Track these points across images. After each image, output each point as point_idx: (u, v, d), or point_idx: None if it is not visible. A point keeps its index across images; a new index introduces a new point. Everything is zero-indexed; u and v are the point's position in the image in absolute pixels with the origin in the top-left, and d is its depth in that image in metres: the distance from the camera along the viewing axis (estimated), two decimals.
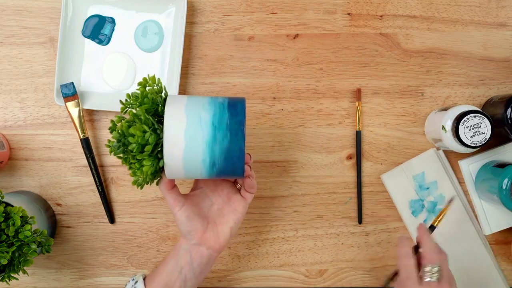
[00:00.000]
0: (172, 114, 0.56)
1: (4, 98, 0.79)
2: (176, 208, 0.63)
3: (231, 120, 0.57)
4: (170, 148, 0.56)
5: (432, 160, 0.78)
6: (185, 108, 0.57)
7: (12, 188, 0.79)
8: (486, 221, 0.77)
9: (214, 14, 0.79)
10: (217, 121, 0.57)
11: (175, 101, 0.58)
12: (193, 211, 0.64)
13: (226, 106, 0.58)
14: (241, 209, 0.66)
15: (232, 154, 0.57)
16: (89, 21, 0.78)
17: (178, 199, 0.63)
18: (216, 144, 0.56)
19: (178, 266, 0.65)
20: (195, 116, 0.57)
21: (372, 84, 0.79)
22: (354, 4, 0.79)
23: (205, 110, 0.57)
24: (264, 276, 0.80)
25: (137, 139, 0.55)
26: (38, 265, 0.79)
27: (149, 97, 0.57)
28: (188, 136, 0.56)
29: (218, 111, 0.57)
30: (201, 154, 0.57)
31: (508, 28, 0.80)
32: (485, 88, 0.79)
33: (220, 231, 0.65)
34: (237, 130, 0.57)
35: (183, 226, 0.64)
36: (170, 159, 0.56)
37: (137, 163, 0.56)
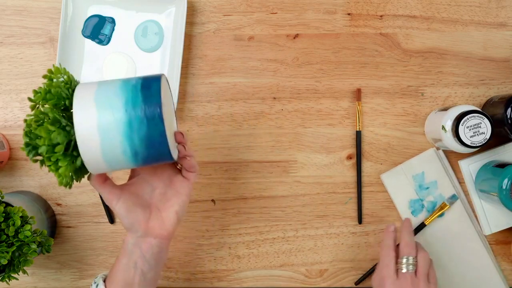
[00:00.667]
0: (81, 107, 0.51)
1: (4, 98, 0.79)
2: (113, 201, 0.59)
3: (145, 104, 0.52)
4: (84, 144, 0.51)
5: (432, 160, 0.78)
6: (95, 98, 0.52)
7: (12, 188, 0.79)
8: (486, 221, 0.77)
9: (214, 14, 0.79)
10: (131, 107, 0.51)
11: (84, 92, 0.52)
12: (132, 202, 0.59)
13: (139, 89, 0.53)
14: (184, 190, 0.62)
15: (153, 140, 0.52)
16: (89, 21, 0.78)
17: (113, 191, 0.59)
18: (133, 132, 0.51)
19: (131, 261, 0.60)
20: (106, 105, 0.51)
21: (372, 84, 0.79)
22: (354, 4, 0.79)
23: (117, 96, 0.52)
24: (264, 276, 0.80)
25: (44, 141, 0.50)
26: (38, 265, 0.79)
27: (52, 92, 0.52)
28: (102, 130, 0.51)
29: (130, 96, 0.52)
30: (119, 146, 0.52)
31: (508, 28, 0.80)
32: (485, 88, 0.79)
33: (165, 217, 0.61)
34: (153, 113, 0.51)
35: (124, 219, 0.59)
36: (88, 156, 0.52)
37: (52, 164, 0.51)
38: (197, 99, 0.79)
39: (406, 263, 0.66)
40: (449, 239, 0.78)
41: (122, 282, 0.60)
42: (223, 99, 0.79)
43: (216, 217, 0.80)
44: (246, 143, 0.79)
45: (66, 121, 0.51)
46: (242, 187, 0.80)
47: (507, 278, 0.79)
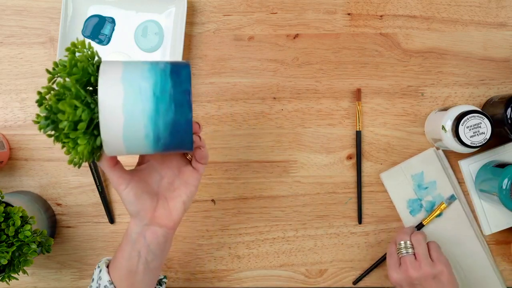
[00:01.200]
0: (107, 85, 0.49)
1: (4, 98, 0.79)
2: (121, 186, 0.57)
3: (175, 89, 0.50)
4: (107, 124, 0.49)
5: (432, 160, 0.78)
6: (122, 78, 0.50)
7: (12, 188, 0.79)
8: (486, 221, 0.77)
9: (214, 14, 0.79)
10: (159, 91, 0.50)
11: (110, 69, 0.50)
12: (140, 189, 0.58)
13: (168, 73, 0.51)
14: (193, 181, 0.60)
15: (178, 127, 0.51)
16: (89, 21, 0.78)
17: (123, 176, 0.57)
18: (159, 117, 0.50)
19: (135, 250, 0.59)
20: (133, 86, 0.49)
21: (372, 84, 0.79)
22: (354, 4, 0.79)
23: (145, 78, 0.50)
24: (264, 276, 0.80)
25: (68, 116, 0.47)
26: (38, 265, 0.79)
27: (78, 66, 0.49)
28: (127, 110, 0.49)
29: (159, 80, 0.50)
30: (143, 129, 0.50)
31: (508, 28, 0.80)
32: (485, 88, 0.79)
33: (172, 207, 0.60)
34: (182, 100, 0.50)
35: (131, 205, 0.58)
36: (108, 137, 0.50)
37: (70, 142, 0.49)
38: (197, 99, 0.79)
39: (403, 247, 0.71)
40: (448, 240, 0.78)
41: (125, 270, 0.59)
42: (223, 99, 0.79)
43: (216, 217, 0.80)
44: (246, 143, 0.79)
45: (91, 98, 0.49)
46: (242, 187, 0.80)
47: (507, 278, 0.79)
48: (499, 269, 0.79)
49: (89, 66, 0.50)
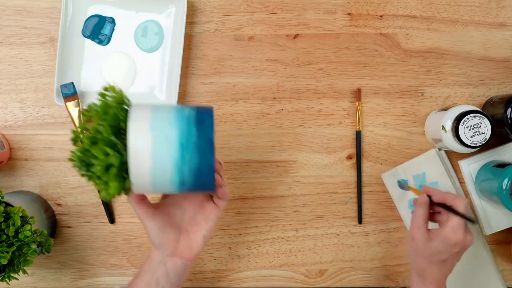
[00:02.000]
0: (137, 133, 0.53)
1: (4, 98, 0.79)
2: (146, 220, 0.61)
3: (199, 138, 0.54)
4: (136, 169, 0.53)
5: (434, 160, 0.78)
6: (150, 126, 0.53)
7: (12, 188, 0.79)
8: (486, 221, 0.77)
9: (214, 14, 0.79)
10: (185, 140, 0.53)
11: (139, 117, 0.54)
12: (165, 222, 0.62)
13: (193, 121, 0.54)
14: (214, 216, 0.64)
15: (202, 172, 0.54)
16: (89, 21, 0.78)
17: (148, 210, 0.61)
18: (184, 164, 0.53)
19: (154, 278, 0.63)
20: (161, 134, 0.53)
21: (372, 84, 0.79)
22: (354, 4, 0.79)
23: (172, 127, 0.54)
24: (264, 276, 0.80)
25: (100, 161, 0.52)
26: (38, 265, 0.79)
27: (110, 113, 0.53)
28: (155, 157, 0.53)
29: (185, 128, 0.54)
30: (169, 174, 0.54)
31: (508, 28, 0.80)
32: (485, 88, 0.79)
33: (193, 240, 0.63)
34: (205, 148, 0.54)
35: (155, 237, 0.62)
36: (137, 180, 0.54)
37: (101, 184, 0.53)
38: (197, 99, 0.79)
39: None
40: None
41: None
42: (223, 99, 0.79)
43: None
44: (246, 143, 0.79)
45: (121, 144, 0.53)
46: (242, 187, 0.80)
47: (507, 278, 0.79)
48: (499, 269, 0.79)
49: (120, 112, 0.54)
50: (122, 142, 0.53)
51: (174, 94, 0.76)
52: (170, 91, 0.77)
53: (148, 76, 0.78)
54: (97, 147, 0.52)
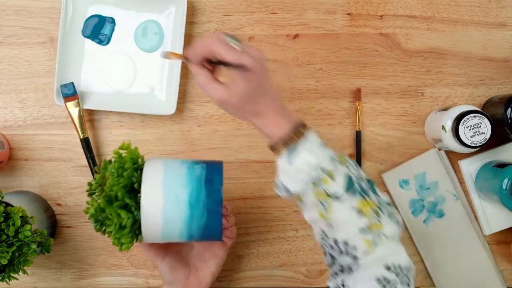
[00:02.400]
0: (149, 194, 0.56)
1: (4, 98, 0.79)
2: (158, 261, 0.64)
3: (208, 199, 0.57)
4: (148, 227, 0.56)
5: (434, 160, 0.78)
6: (162, 186, 0.56)
7: (12, 188, 0.79)
8: (486, 221, 0.77)
9: (214, 14, 0.79)
10: (194, 200, 0.56)
11: (152, 178, 0.57)
12: (175, 261, 0.65)
13: (203, 182, 0.57)
14: (222, 253, 0.67)
15: (210, 228, 0.58)
16: (89, 21, 0.78)
17: (158, 252, 0.64)
18: (193, 222, 0.57)
19: None
20: (172, 195, 0.56)
21: (372, 84, 0.79)
22: (354, 4, 0.79)
23: (182, 187, 0.57)
24: (264, 276, 0.80)
25: (113, 223, 0.56)
26: (38, 265, 0.79)
27: (125, 176, 0.57)
28: (166, 216, 0.56)
29: (195, 189, 0.57)
30: (178, 230, 0.57)
31: (508, 28, 0.80)
32: (485, 88, 0.79)
33: (202, 276, 0.66)
34: (213, 208, 0.57)
35: (166, 276, 0.65)
36: (149, 235, 0.57)
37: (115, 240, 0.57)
38: (197, 99, 0.79)
39: None
40: (448, 240, 0.78)
41: None
42: None
43: None
44: (246, 143, 0.79)
45: (135, 205, 0.56)
46: (242, 187, 0.80)
47: (507, 278, 0.79)
48: (499, 269, 0.79)
49: (134, 173, 0.57)
50: (135, 200, 0.57)
51: (174, 94, 0.76)
52: (170, 91, 0.77)
53: (148, 76, 0.78)
54: (111, 209, 0.55)
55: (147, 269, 0.80)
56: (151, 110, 0.77)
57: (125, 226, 0.56)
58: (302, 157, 0.56)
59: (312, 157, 0.56)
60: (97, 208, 0.57)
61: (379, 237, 0.55)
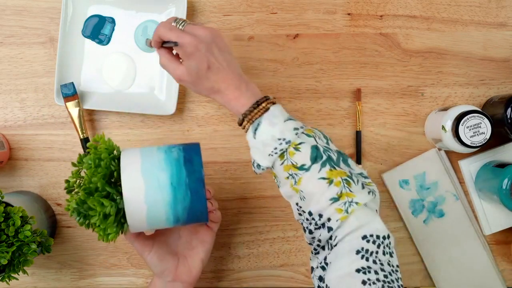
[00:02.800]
0: (129, 180, 0.56)
1: (4, 98, 0.79)
2: (145, 253, 0.64)
3: (189, 179, 0.57)
4: (132, 215, 0.56)
5: (434, 160, 0.78)
6: (141, 171, 0.56)
7: (12, 188, 0.79)
8: (486, 221, 0.77)
9: (214, 14, 0.79)
10: (176, 182, 0.56)
11: (130, 164, 0.57)
12: (163, 251, 0.65)
13: (182, 163, 0.57)
14: (208, 239, 0.67)
15: (195, 209, 0.57)
16: (89, 21, 0.78)
17: (145, 243, 0.64)
18: (178, 203, 0.56)
19: None
20: (152, 179, 0.56)
21: (372, 84, 0.79)
22: (354, 4, 0.79)
23: (162, 170, 0.56)
24: (264, 276, 0.80)
25: (97, 213, 0.55)
26: (38, 265, 0.79)
27: (102, 165, 0.56)
28: (149, 201, 0.56)
29: (175, 170, 0.57)
30: (164, 214, 0.57)
31: (508, 28, 0.80)
32: (485, 88, 0.79)
33: (191, 264, 0.66)
34: (196, 187, 0.57)
35: (155, 267, 0.64)
36: (134, 222, 0.57)
37: (101, 231, 0.56)
38: (197, 99, 0.79)
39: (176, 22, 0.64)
40: (448, 240, 0.78)
41: None
42: None
43: None
44: (246, 143, 0.79)
45: (116, 193, 0.56)
46: (242, 187, 0.80)
47: (507, 278, 0.79)
48: (499, 269, 0.79)
49: (111, 162, 0.57)
50: (117, 189, 0.56)
51: (174, 94, 0.76)
52: (170, 91, 0.77)
53: (148, 76, 0.78)
54: (93, 199, 0.55)
55: (147, 269, 0.80)
56: (151, 110, 0.77)
57: (109, 214, 0.55)
58: (265, 131, 0.57)
59: (275, 130, 0.57)
60: (78, 201, 0.56)
61: (350, 205, 0.54)
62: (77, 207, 0.56)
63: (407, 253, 0.79)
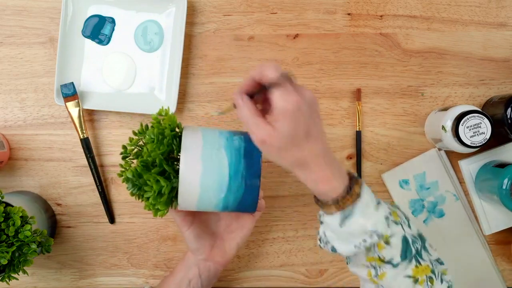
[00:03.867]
0: (188, 162, 0.56)
1: (4, 98, 0.79)
2: (184, 227, 0.64)
3: (247, 172, 0.57)
4: (184, 195, 0.56)
5: (434, 160, 0.78)
6: (201, 155, 0.56)
7: (12, 188, 0.79)
8: (486, 221, 0.77)
9: (214, 14, 0.79)
10: (233, 172, 0.56)
11: (191, 146, 0.56)
12: (201, 229, 0.65)
13: (242, 154, 0.57)
14: (248, 225, 0.67)
15: (246, 201, 0.57)
16: (89, 21, 0.78)
17: (186, 218, 0.64)
18: (231, 193, 0.57)
19: (186, 278, 0.66)
20: (211, 164, 0.56)
21: (372, 84, 0.79)
22: (354, 4, 0.79)
23: (222, 158, 0.56)
24: (264, 276, 0.80)
25: (152, 190, 0.56)
26: (38, 265, 0.79)
27: (164, 143, 0.57)
28: (203, 185, 0.56)
29: (234, 160, 0.56)
30: (214, 201, 0.57)
31: (508, 28, 0.80)
32: (485, 88, 0.79)
33: (227, 247, 0.66)
34: (252, 182, 0.57)
35: (192, 243, 0.65)
36: (185, 204, 0.58)
37: (151, 206, 0.57)
38: (197, 99, 0.79)
39: None
40: (448, 240, 0.78)
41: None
42: (223, 99, 0.79)
43: None
44: None
45: (173, 172, 0.57)
46: None
47: (507, 278, 0.79)
48: (499, 269, 0.79)
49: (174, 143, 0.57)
50: (173, 168, 0.57)
51: (174, 94, 0.76)
52: (170, 91, 0.77)
53: (148, 76, 0.78)
54: (149, 175, 0.55)
55: (147, 269, 0.80)
56: (151, 110, 0.77)
57: (163, 194, 0.55)
58: (357, 222, 0.52)
59: (367, 221, 0.52)
60: (134, 173, 0.56)
61: None
62: (132, 178, 0.57)
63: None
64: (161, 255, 0.80)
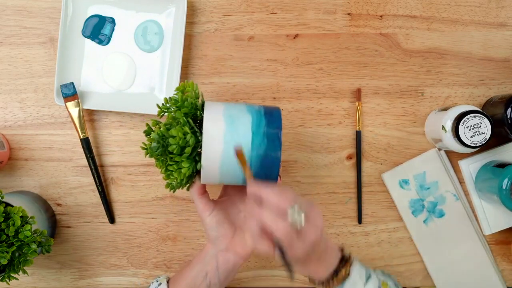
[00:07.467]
0: (211, 117, 0.57)
1: (4, 98, 0.79)
2: (206, 213, 0.64)
3: (268, 127, 0.58)
4: (208, 150, 0.57)
5: (434, 160, 0.78)
6: (223, 113, 0.58)
7: (12, 188, 0.79)
8: (486, 221, 0.77)
9: (214, 14, 0.79)
10: (255, 127, 0.58)
11: (213, 106, 0.59)
12: (222, 216, 0.64)
13: (262, 113, 0.59)
14: None
15: (268, 160, 0.58)
16: (89, 21, 0.78)
17: (208, 204, 0.64)
18: (253, 149, 0.57)
19: (203, 271, 0.64)
20: (233, 120, 0.58)
21: (372, 84, 0.79)
22: (354, 4, 0.79)
23: (243, 115, 0.58)
24: (264, 276, 0.80)
25: (178, 141, 0.56)
26: (38, 265, 0.79)
27: (188, 101, 0.58)
28: (227, 140, 0.57)
29: (255, 117, 0.58)
30: None
31: (508, 28, 0.80)
32: (485, 88, 0.79)
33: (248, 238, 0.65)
34: (274, 137, 0.58)
35: (212, 231, 0.64)
36: (208, 162, 0.57)
37: (174, 164, 0.57)
38: None
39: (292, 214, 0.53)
40: (448, 240, 0.78)
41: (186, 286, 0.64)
42: (223, 99, 0.79)
43: None
44: None
45: (198, 130, 0.57)
46: None
47: (507, 278, 0.79)
48: (499, 269, 0.79)
49: (196, 104, 0.59)
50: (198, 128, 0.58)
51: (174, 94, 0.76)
52: (170, 91, 0.77)
53: (148, 76, 0.78)
54: (175, 129, 0.56)
55: (147, 269, 0.80)
56: (151, 110, 0.77)
57: (187, 146, 0.56)
58: None
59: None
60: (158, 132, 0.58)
61: None
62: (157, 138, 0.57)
63: (407, 253, 0.79)
64: (161, 255, 0.80)
